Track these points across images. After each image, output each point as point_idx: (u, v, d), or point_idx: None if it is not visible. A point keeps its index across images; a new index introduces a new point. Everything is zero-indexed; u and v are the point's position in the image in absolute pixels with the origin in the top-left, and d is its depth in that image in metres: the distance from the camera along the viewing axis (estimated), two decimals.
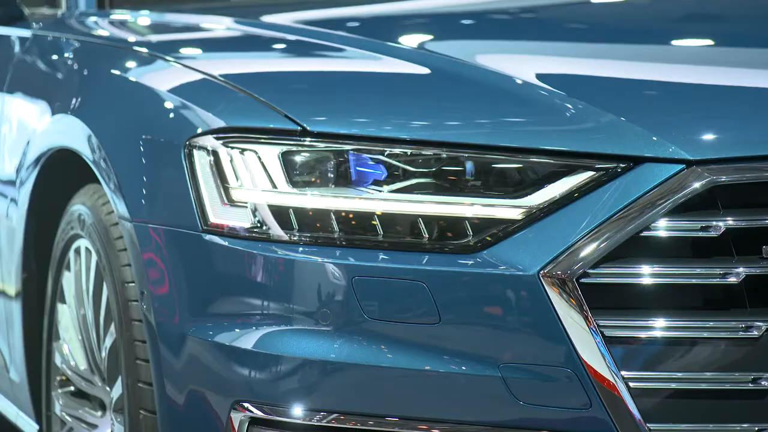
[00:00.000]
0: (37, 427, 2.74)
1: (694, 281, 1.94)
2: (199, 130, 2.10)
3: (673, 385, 1.93)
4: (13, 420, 2.91)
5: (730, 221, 1.94)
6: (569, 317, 1.92)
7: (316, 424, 1.97)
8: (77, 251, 2.50)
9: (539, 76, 2.17)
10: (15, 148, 2.79)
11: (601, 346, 1.92)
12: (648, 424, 1.92)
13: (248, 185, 2.05)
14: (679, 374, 1.93)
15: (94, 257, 2.40)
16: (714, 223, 1.94)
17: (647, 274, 1.93)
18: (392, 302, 1.97)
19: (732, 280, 1.93)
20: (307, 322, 1.99)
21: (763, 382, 1.93)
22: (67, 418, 2.60)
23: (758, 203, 1.96)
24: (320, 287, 1.99)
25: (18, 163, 2.75)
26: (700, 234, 1.94)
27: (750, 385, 1.93)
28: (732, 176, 1.94)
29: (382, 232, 2.00)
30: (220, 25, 2.74)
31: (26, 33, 2.98)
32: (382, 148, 2.01)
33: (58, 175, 2.61)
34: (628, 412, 1.91)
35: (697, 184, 1.94)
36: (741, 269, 1.93)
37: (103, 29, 2.86)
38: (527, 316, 1.94)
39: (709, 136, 2.01)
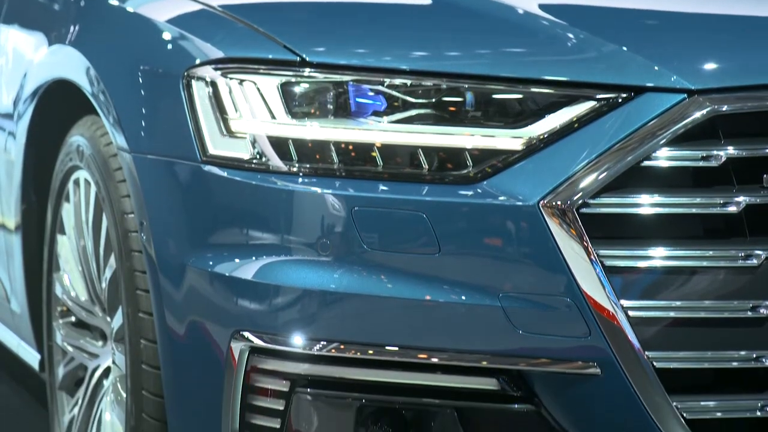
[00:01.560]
0: (38, 356, 2.76)
1: (694, 211, 1.94)
2: (198, 61, 2.09)
3: (672, 314, 1.94)
4: (14, 350, 2.93)
5: (731, 150, 1.94)
6: (569, 247, 1.93)
7: (316, 353, 1.98)
8: (76, 182, 2.50)
9: (541, 6, 2.16)
10: (12, 80, 2.78)
11: (600, 275, 1.92)
12: (647, 352, 1.93)
13: (247, 116, 2.04)
14: (678, 303, 1.94)
15: (93, 188, 2.39)
16: (715, 152, 1.94)
17: (647, 203, 1.94)
18: (392, 233, 1.97)
19: (732, 209, 1.94)
20: (306, 252, 1.99)
21: (761, 310, 1.94)
22: (69, 348, 2.62)
23: (759, 132, 1.96)
24: (320, 218, 1.99)
25: (15, 95, 2.74)
26: (701, 164, 1.95)
27: (749, 313, 1.94)
28: (733, 105, 1.94)
29: (381, 163, 1.99)
30: None
31: None
32: (381, 79, 2.00)
33: (56, 107, 2.60)
34: (627, 340, 1.93)
35: (698, 114, 1.94)
36: (741, 198, 1.94)
37: None
38: (527, 247, 1.94)
39: (710, 66, 2.00)
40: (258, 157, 2.03)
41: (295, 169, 2.01)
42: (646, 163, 1.94)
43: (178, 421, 2.14)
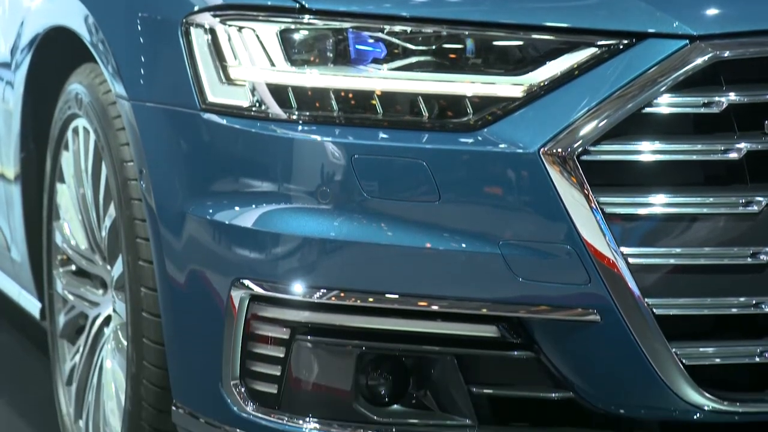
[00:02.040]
0: (39, 305, 2.77)
1: (695, 157, 1.94)
2: (197, 8, 2.08)
3: (672, 261, 1.94)
4: (15, 298, 2.94)
5: (733, 97, 1.93)
6: (569, 195, 1.92)
7: (316, 301, 1.99)
8: (75, 131, 2.49)
9: None
10: (9, 29, 2.76)
11: (601, 223, 1.92)
12: (646, 299, 1.93)
13: (246, 64, 2.03)
14: (679, 250, 1.94)
15: (92, 137, 2.39)
16: (716, 98, 1.93)
17: (648, 150, 1.93)
18: (392, 181, 1.97)
19: (733, 155, 1.93)
20: (306, 200, 1.99)
21: (761, 257, 1.94)
22: (69, 296, 2.63)
23: (761, 78, 1.95)
24: (319, 166, 1.99)
25: (12, 44, 2.72)
26: (702, 110, 1.94)
27: (749, 259, 1.94)
28: (735, 51, 1.93)
29: (381, 111, 1.98)
30: None
31: None
32: (381, 26, 1.99)
33: (54, 54, 2.59)
34: (627, 287, 1.93)
35: (699, 60, 1.93)
36: (742, 145, 1.93)
37: None
38: (527, 194, 1.94)
39: (712, 11, 1.98)
40: (257, 104, 2.02)
41: (294, 117, 2.00)
42: (648, 109, 1.93)
43: (179, 369, 2.14)
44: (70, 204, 2.58)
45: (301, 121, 2.00)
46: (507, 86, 1.96)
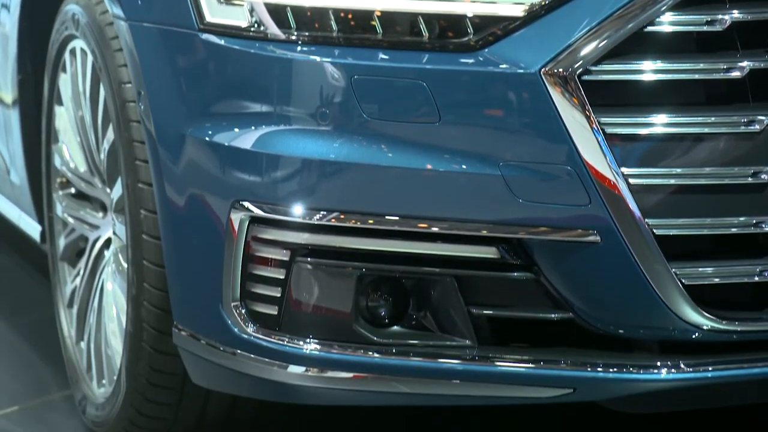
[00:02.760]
0: (39, 228, 2.78)
1: (697, 76, 1.92)
2: None
3: (673, 181, 1.94)
4: (15, 221, 2.94)
5: (736, 14, 1.91)
6: (570, 115, 1.91)
7: (316, 222, 1.99)
8: (72, 52, 2.47)
9: None
10: None
11: (602, 143, 1.91)
12: (647, 220, 1.93)
13: None
14: (679, 170, 1.93)
15: (89, 58, 2.37)
16: (719, 16, 1.91)
17: (650, 70, 1.92)
18: (392, 102, 1.95)
19: (736, 74, 1.92)
20: (306, 121, 1.98)
21: (762, 176, 1.93)
22: (69, 219, 2.63)
23: None
24: (319, 87, 1.97)
25: None
26: (705, 28, 1.92)
27: (749, 179, 1.93)
28: None
29: (381, 31, 1.97)
30: None
31: None
32: None
33: None
34: (627, 208, 1.92)
35: None
36: (745, 63, 1.92)
37: None
38: (528, 115, 1.93)
39: None
40: (256, 25, 2.00)
41: (293, 38, 1.99)
42: (649, 28, 1.91)
43: (180, 291, 2.15)
44: (69, 127, 2.57)
45: (300, 42, 1.98)
46: (508, 6, 1.94)
